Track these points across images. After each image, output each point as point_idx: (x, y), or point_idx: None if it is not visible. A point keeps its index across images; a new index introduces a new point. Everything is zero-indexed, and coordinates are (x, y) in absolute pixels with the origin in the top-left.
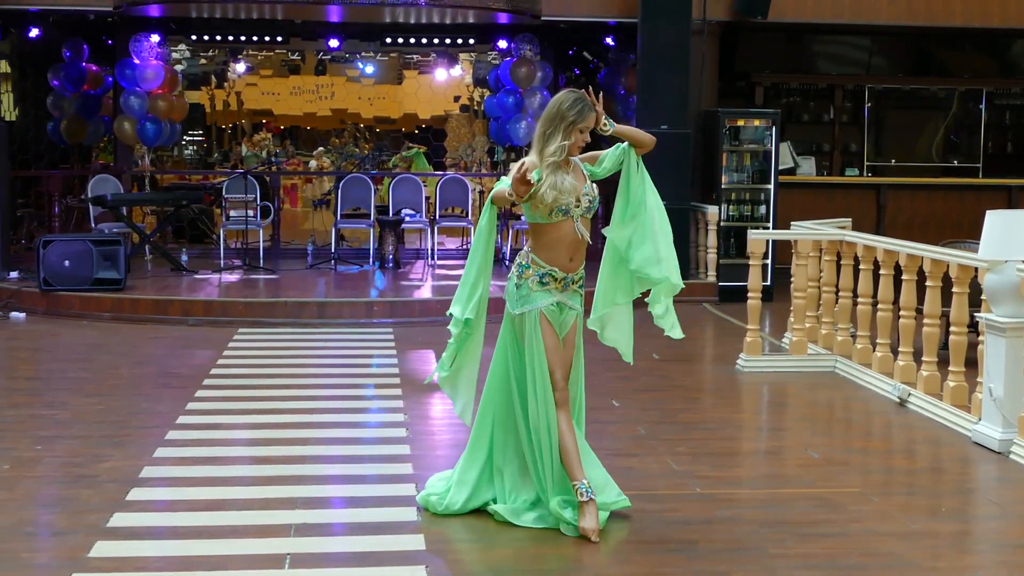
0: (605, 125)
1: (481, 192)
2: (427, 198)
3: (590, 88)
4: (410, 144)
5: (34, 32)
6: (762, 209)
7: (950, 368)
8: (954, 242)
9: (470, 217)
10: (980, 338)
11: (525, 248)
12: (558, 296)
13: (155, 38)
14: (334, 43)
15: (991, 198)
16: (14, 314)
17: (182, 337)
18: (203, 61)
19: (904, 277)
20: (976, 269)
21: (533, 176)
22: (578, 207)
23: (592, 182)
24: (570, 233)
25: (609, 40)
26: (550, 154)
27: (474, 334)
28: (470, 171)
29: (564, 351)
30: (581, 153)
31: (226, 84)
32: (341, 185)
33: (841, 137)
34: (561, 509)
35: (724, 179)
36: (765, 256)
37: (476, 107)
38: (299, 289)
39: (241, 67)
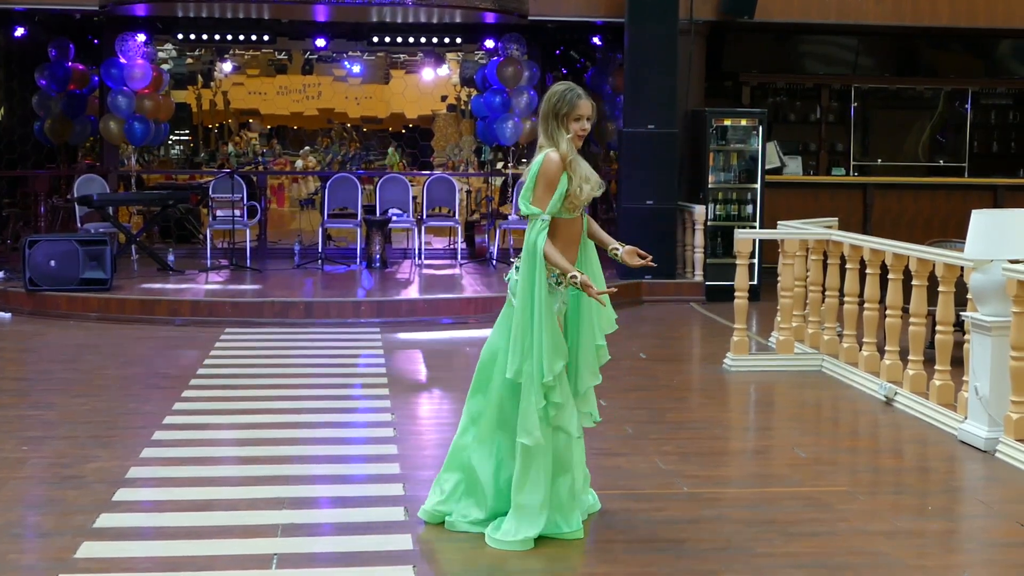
0: (615, 250)
1: (468, 192)
2: (414, 198)
3: None
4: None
5: (20, 31)
6: (749, 209)
7: (936, 367)
8: (940, 241)
9: (457, 217)
10: (966, 337)
11: None
12: (563, 295)
13: (141, 37)
14: (321, 43)
15: (977, 197)
16: (0, 314)
17: (169, 337)
18: (189, 60)
19: (890, 276)
20: (962, 268)
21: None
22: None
23: None
24: (580, 228)
25: (596, 40)
26: (567, 151)
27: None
28: (457, 171)
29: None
30: (580, 140)
31: (213, 83)
32: (328, 185)
33: (828, 137)
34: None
35: (711, 179)
36: (752, 255)
37: (463, 107)
38: (286, 289)
39: (228, 66)
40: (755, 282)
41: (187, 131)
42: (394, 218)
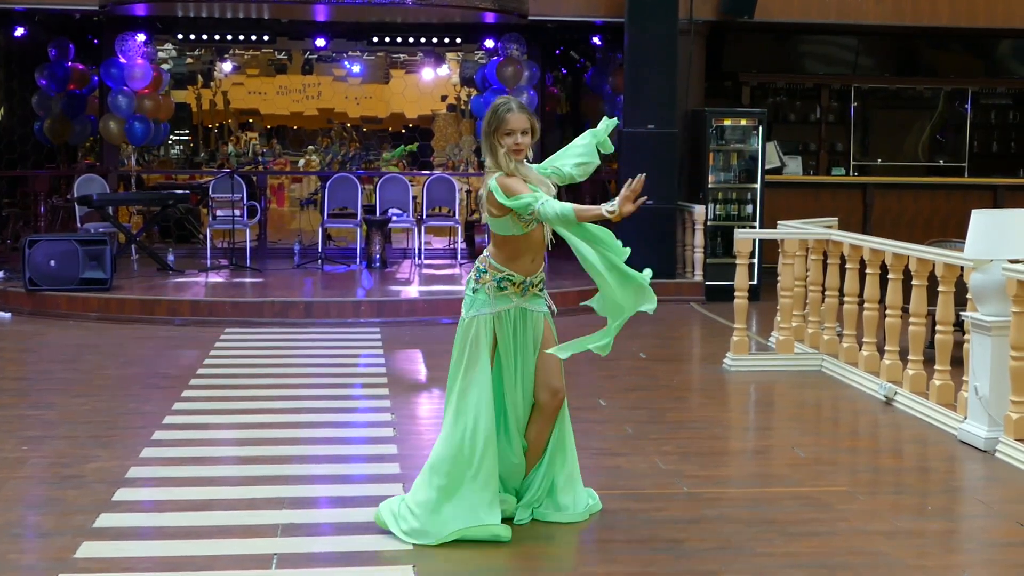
0: (611, 211)
1: (468, 192)
2: (414, 198)
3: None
4: (402, 145)
5: (20, 31)
6: (749, 208)
7: (936, 367)
8: (940, 241)
9: (457, 216)
10: (966, 337)
11: (484, 253)
12: (517, 301)
13: (141, 37)
14: (321, 42)
15: (977, 197)
16: (0, 314)
17: (169, 337)
18: (189, 60)
19: (890, 276)
20: (962, 268)
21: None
22: None
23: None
24: (538, 239)
25: (596, 40)
26: (506, 166)
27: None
28: (457, 171)
29: (545, 359)
30: (517, 155)
31: (213, 83)
32: (328, 184)
33: (828, 137)
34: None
35: (711, 179)
36: (752, 255)
37: (463, 106)
38: (286, 289)
39: (228, 66)
40: (755, 282)
41: (187, 131)
42: (394, 218)
